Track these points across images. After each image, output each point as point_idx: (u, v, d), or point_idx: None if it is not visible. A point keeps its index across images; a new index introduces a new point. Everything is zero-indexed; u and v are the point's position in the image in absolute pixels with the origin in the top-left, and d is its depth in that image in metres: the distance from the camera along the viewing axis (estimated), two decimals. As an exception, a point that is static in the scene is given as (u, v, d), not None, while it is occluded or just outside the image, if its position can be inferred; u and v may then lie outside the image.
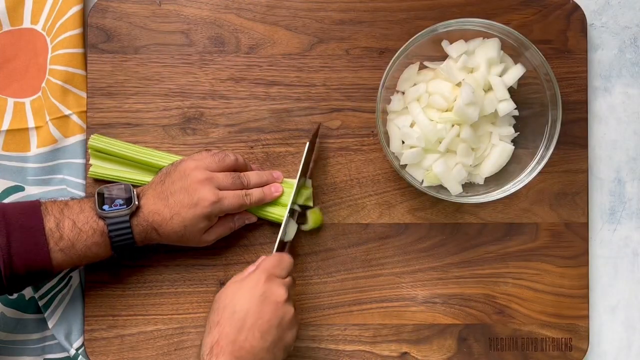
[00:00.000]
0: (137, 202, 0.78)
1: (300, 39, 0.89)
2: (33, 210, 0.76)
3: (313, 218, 0.86)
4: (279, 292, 0.75)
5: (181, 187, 0.79)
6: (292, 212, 0.83)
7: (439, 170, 0.81)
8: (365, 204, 0.88)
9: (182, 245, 0.82)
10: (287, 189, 0.85)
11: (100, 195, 0.79)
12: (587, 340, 0.88)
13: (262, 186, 0.84)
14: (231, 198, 0.80)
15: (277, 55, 0.89)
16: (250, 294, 0.74)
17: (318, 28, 0.89)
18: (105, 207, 0.77)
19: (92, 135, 0.86)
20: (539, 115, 0.83)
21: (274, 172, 0.86)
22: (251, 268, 0.77)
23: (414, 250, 0.88)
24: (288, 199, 0.84)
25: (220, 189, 0.80)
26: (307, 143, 0.84)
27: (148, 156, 0.85)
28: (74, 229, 0.76)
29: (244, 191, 0.82)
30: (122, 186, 0.80)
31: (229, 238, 0.86)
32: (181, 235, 0.79)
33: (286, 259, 0.78)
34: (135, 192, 0.79)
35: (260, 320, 0.73)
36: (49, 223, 0.75)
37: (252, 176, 0.84)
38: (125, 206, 0.78)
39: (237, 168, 0.84)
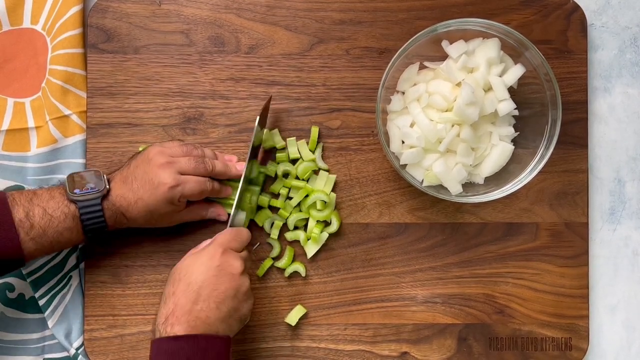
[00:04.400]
0: (107, 186, 0.78)
1: (300, 39, 0.89)
2: (0, 203, 0.75)
3: (337, 220, 0.87)
4: (235, 264, 0.75)
5: (143, 171, 0.79)
6: (246, 189, 0.84)
7: (439, 170, 0.81)
8: (365, 204, 0.88)
9: (153, 226, 0.83)
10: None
11: (71, 179, 0.78)
12: (587, 340, 0.88)
13: (226, 177, 0.84)
14: (192, 183, 0.80)
15: (277, 55, 0.89)
16: (206, 266, 0.74)
17: (318, 28, 0.89)
18: (77, 190, 0.77)
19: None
20: (539, 115, 0.83)
21: (238, 165, 0.85)
22: (207, 242, 0.78)
23: (414, 250, 0.88)
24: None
25: (182, 174, 0.80)
26: (257, 117, 0.83)
27: None
28: (45, 216, 0.75)
29: (206, 178, 0.82)
30: (92, 171, 0.80)
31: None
32: (148, 219, 0.80)
33: (244, 232, 0.79)
34: (105, 177, 0.79)
35: (216, 291, 0.73)
36: (18, 214, 0.75)
37: (218, 164, 0.83)
38: (96, 189, 0.78)
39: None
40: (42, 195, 0.77)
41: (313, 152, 0.87)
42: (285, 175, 0.87)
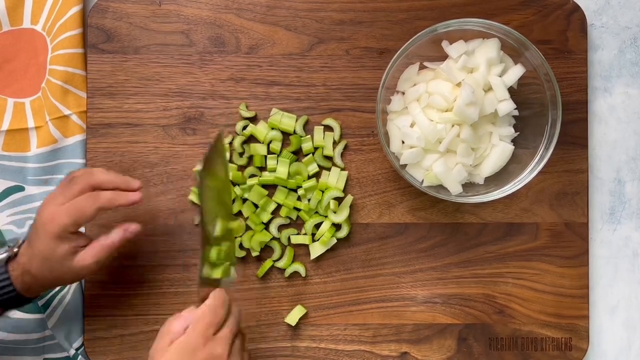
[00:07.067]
0: (15, 249, 0.76)
1: (300, 39, 0.89)
2: None
3: (347, 226, 0.87)
4: (219, 350, 0.70)
5: (35, 227, 0.75)
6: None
7: (439, 170, 0.81)
8: (365, 204, 0.88)
9: (65, 283, 0.79)
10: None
11: None
12: (587, 340, 0.88)
13: (115, 187, 0.77)
14: (71, 207, 0.74)
15: (277, 55, 0.89)
16: None
17: (318, 28, 0.89)
18: None
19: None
20: (539, 115, 0.83)
21: (131, 195, 0.77)
22: (180, 323, 0.72)
23: (414, 250, 0.88)
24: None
25: (63, 204, 0.74)
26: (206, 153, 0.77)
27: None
28: None
29: (83, 196, 0.75)
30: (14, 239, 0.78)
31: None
32: (50, 270, 0.75)
33: (219, 307, 0.73)
34: (20, 241, 0.77)
35: None
36: None
37: (98, 173, 0.77)
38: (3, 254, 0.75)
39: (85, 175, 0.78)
40: None
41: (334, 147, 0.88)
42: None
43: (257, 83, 0.88)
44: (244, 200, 0.87)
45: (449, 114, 0.81)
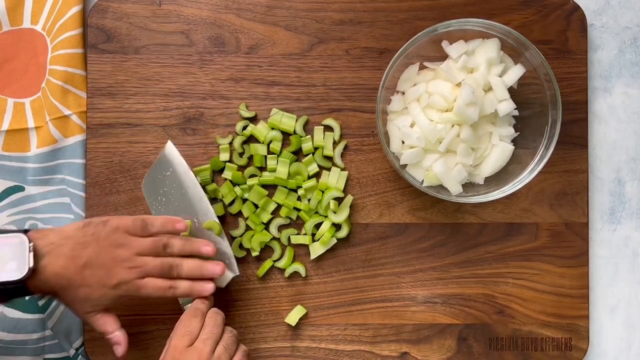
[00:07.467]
0: (31, 264, 0.68)
1: (300, 39, 0.89)
2: None
3: (347, 226, 0.87)
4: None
5: (101, 262, 0.73)
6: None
7: (439, 170, 0.81)
8: (365, 204, 0.88)
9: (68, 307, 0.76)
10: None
11: None
12: (587, 340, 0.88)
13: (194, 276, 0.78)
14: (150, 289, 0.75)
15: (277, 55, 0.89)
16: None
17: (318, 28, 0.89)
18: None
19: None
20: (539, 115, 0.83)
21: (214, 266, 0.78)
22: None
23: (414, 250, 0.88)
24: None
25: (145, 277, 0.75)
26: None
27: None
28: None
29: (168, 283, 0.76)
30: (17, 240, 0.68)
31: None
32: (76, 304, 0.74)
33: (192, 317, 0.76)
34: (32, 252, 0.69)
35: None
36: None
37: (185, 267, 0.77)
38: (15, 277, 0.68)
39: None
40: None
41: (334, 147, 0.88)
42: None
43: (257, 83, 0.88)
44: (244, 200, 0.87)
45: (449, 114, 0.81)
